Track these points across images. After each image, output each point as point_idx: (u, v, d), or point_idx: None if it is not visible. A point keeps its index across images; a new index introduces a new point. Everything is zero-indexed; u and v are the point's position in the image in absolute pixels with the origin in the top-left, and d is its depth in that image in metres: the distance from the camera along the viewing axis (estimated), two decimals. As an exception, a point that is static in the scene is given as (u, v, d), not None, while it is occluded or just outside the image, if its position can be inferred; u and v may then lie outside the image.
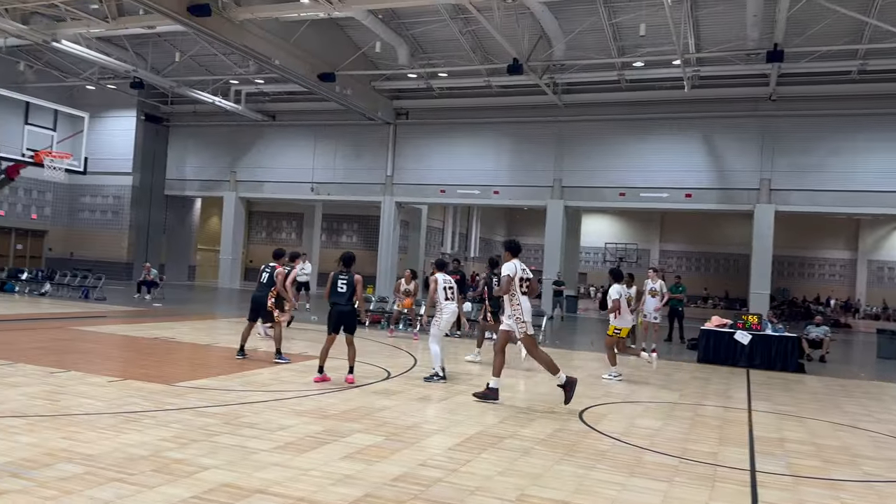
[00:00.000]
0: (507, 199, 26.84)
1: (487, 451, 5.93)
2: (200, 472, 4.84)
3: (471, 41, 22.17)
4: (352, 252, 9.21)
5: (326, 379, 8.72)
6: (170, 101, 30.26)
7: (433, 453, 5.73)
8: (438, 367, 9.36)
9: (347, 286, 8.69)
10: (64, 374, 8.20)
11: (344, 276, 8.75)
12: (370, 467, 5.24)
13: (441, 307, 9.53)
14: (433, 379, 9.26)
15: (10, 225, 28.30)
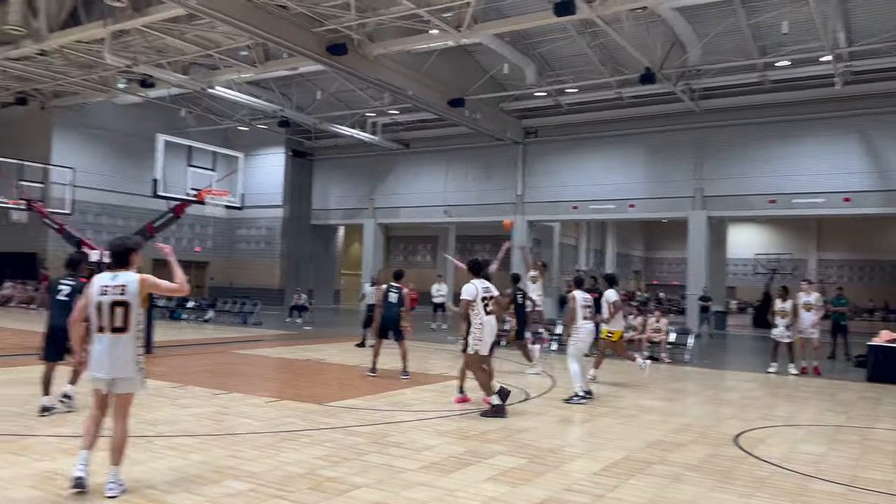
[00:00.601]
0: (644, 212, 25.98)
1: (635, 476, 5.73)
2: (352, 491, 5.05)
3: (599, 54, 21.85)
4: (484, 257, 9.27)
5: (467, 399, 8.81)
6: (313, 136, 32.19)
7: (577, 478, 5.63)
8: (579, 388, 9.18)
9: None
10: (227, 396, 8.86)
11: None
12: (514, 490, 5.23)
13: (577, 325, 9.35)
14: (573, 400, 9.09)
15: (177, 258, 31.07)
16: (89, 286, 5.00)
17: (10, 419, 7.01)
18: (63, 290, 7.50)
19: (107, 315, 4.88)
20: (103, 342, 4.89)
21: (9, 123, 28.57)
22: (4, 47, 20.37)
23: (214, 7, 15.48)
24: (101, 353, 4.88)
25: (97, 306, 4.90)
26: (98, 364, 4.90)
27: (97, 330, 4.92)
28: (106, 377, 4.88)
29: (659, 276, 52.94)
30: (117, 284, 4.93)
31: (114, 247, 5.13)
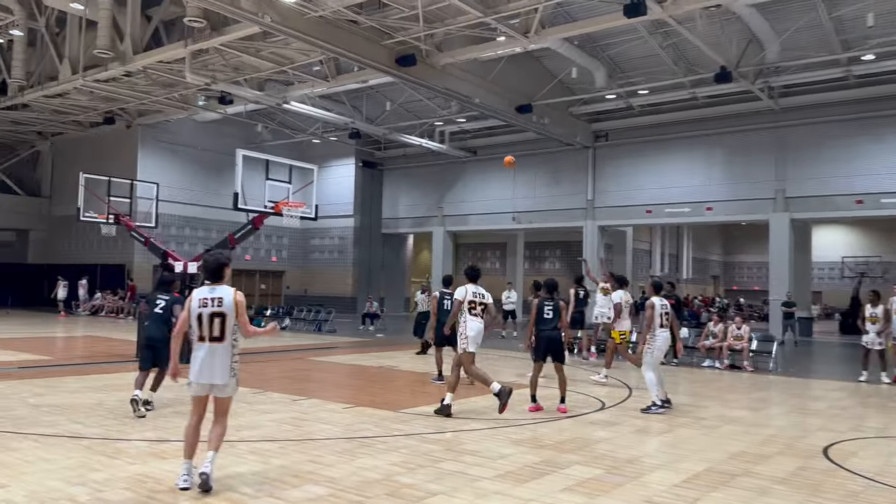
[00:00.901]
0: (722, 215, 25.15)
1: (718, 489, 5.55)
2: (429, 498, 5.08)
3: (672, 54, 21.37)
4: (554, 279, 9.23)
5: (539, 408, 8.73)
6: (383, 146, 32.70)
7: (657, 490, 5.49)
8: (655, 396, 8.96)
9: (554, 312, 8.71)
10: (305, 402, 9.07)
11: (550, 303, 8.78)
12: (592, 501, 5.15)
13: (654, 333, 9.09)
14: (651, 409, 8.88)
15: (255, 268, 32.20)
16: (190, 299, 5.36)
17: (104, 424, 7.38)
18: (159, 304, 8.20)
19: (206, 326, 5.25)
20: (203, 351, 5.27)
21: (98, 142, 30.24)
22: (94, 70, 21.59)
23: (289, 25, 15.99)
24: (201, 361, 5.25)
25: (198, 318, 5.27)
26: (198, 371, 5.26)
27: (197, 339, 5.28)
28: (205, 383, 5.26)
29: (739, 282, 51.17)
30: (215, 297, 5.30)
31: (209, 262, 5.49)
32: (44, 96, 24.49)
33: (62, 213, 31.33)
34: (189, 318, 5.31)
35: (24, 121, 29.14)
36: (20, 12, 22.76)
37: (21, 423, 7.20)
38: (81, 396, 8.98)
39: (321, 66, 21.12)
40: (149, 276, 27.13)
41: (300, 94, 23.06)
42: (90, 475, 5.41)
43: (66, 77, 22.54)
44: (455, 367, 8.65)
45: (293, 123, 29.68)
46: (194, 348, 5.31)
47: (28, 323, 22.48)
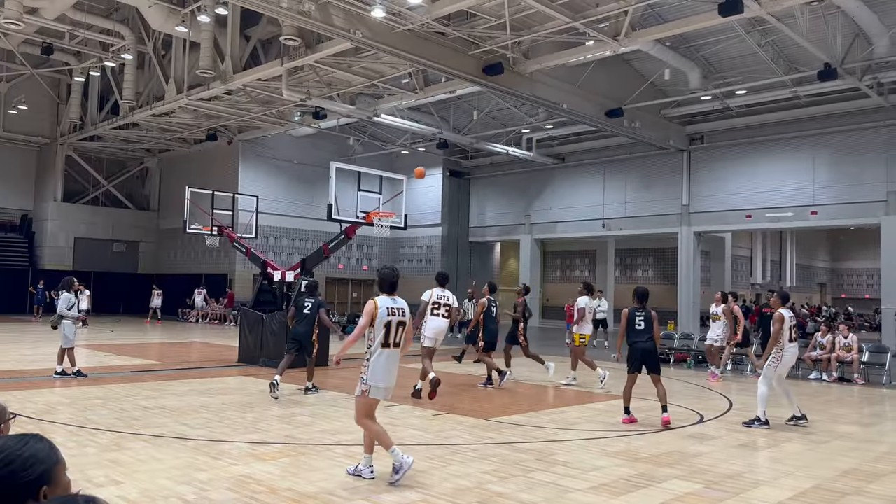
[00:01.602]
0: (828, 219, 23.75)
1: None
2: None
3: (771, 52, 20.44)
4: (646, 287, 8.97)
5: (634, 420, 8.51)
6: (470, 155, 32.91)
7: (761, 506, 5.24)
8: (762, 412, 8.53)
9: (645, 322, 8.47)
10: (397, 408, 9.21)
11: (640, 313, 8.55)
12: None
13: (783, 347, 8.55)
14: (754, 424, 8.47)
15: (347, 276, 33.05)
16: (375, 308, 5.65)
17: (208, 426, 7.76)
18: (307, 306, 10.29)
19: (393, 333, 5.68)
20: (389, 357, 5.68)
21: (202, 158, 31.95)
22: (197, 89, 22.85)
23: (378, 39, 16.39)
24: (387, 366, 5.66)
25: (386, 325, 5.64)
26: (385, 376, 5.66)
27: (383, 345, 5.64)
28: (385, 386, 5.68)
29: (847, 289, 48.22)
30: (398, 307, 5.76)
31: (388, 275, 5.95)
32: (152, 115, 26.14)
33: (169, 225, 33.26)
34: (369, 326, 5.65)
35: (133, 139, 31.17)
36: (130, 37, 24.43)
37: (134, 425, 7.66)
38: (188, 399, 9.47)
39: (410, 78, 21.50)
40: (249, 284, 28.34)
41: (390, 107, 23.56)
42: (195, 475, 5.69)
43: (171, 97, 23.97)
44: (424, 357, 10.21)
45: (383, 135, 30.33)
46: (376, 354, 5.63)
47: (139, 329, 23.93)
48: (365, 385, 5.63)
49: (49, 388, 10.28)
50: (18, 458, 1.51)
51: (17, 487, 1.47)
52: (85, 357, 14.27)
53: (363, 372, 5.66)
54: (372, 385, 5.60)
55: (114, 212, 34.03)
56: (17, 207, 32.85)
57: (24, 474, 1.50)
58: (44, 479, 1.52)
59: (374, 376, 5.60)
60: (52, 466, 1.56)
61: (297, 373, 10.90)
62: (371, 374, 5.60)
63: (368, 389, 5.61)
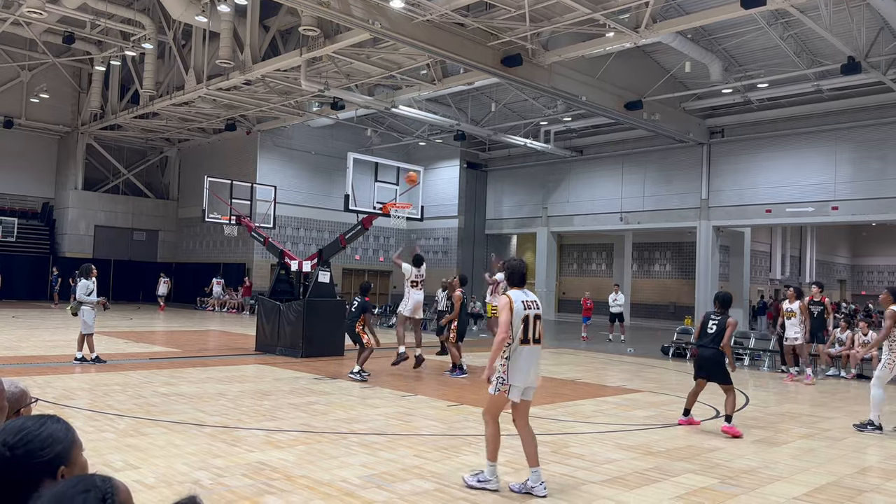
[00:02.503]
0: (850, 214, 23.43)
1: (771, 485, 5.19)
2: (534, 500, 5.05)
3: (794, 45, 20.16)
4: (729, 293, 8.39)
5: (692, 422, 8.11)
6: (487, 147, 32.81)
7: (776, 502, 5.21)
8: (875, 416, 8.10)
9: (718, 328, 7.82)
10: (412, 398, 9.25)
11: (716, 317, 7.92)
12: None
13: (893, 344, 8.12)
14: (867, 428, 8.06)
15: (363, 267, 33.16)
16: (510, 302, 5.21)
17: (225, 413, 7.83)
18: (354, 304, 11.02)
19: (531, 328, 5.25)
20: (528, 353, 5.24)
21: (220, 147, 32.14)
22: (216, 79, 22.96)
23: (397, 30, 16.37)
24: (526, 363, 5.21)
25: (524, 320, 5.21)
26: (522, 374, 5.20)
27: (522, 342, 5.20)
28: (524, 386, 5.23)
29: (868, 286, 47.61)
30: (532, 300, 5.33)
31: (518, 267, 5.48)
32: (171, 105, 26.31)
33: (188, 214, 33.55)
34: (512, 321, 5.19)
35: (153, 128, 31.41)
36: (150, 26, 24.59)
37: (153, 411, 7.76)
38: (205, 386, 9.57)
39: (428, 69, 21.46)
40: (266, 274, 28.54)
41: (407, 98, 23.54)
42: (212, 461, 5.75)
43: (191, 86, 24.10)
44: (398, 326, 12.10)
45: (400, 127, 30.33)
46: (516, 352, 5.18)
47: (157, 317, 24.19)
48: (504, 384, 5.19)
49: (69, 373, 10.43)
50: (36, 437, 1.54)
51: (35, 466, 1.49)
52: (104, 344, 14.46)
53: (502, 371, 5.20)
54: (512, 385, 5.17)
55: (133, 200, 34.37)
56: (38, 195, 33.28)
57: (42, 454, 1.52)
58: (61, 459, 1.54)
59: (515, 375, 5.16)
60: (69, 447, 1.58)
61: (313, 362, 10.97)
62: (512, 372, 5.16)
63: (508, 389, 5.18)
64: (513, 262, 5.57)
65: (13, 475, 1.47)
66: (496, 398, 5.26)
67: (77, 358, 11.31)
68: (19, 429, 1.54)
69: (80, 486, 1.34)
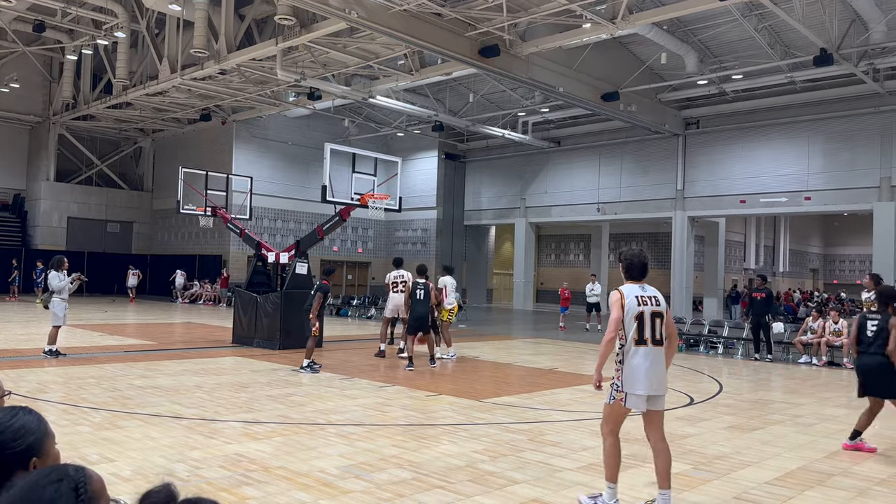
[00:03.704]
0: (822, 204, 23.84)
1: (813, 488, 5.32)
2: (511, 486, 5.11)
3: (768, 37, 20.40)
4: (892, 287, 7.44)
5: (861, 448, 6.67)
6: (465, 138, 32.83)
7: (747, 486, 5.32)
8: None
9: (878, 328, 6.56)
10: (390, 389, 9.28)
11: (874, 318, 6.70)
12: (678, 496, 5.03)
13: None
14: None
15: (341, 259, 33.05)
16: (621, 297, 4.65)
17: (202, 405, 7.80)
18: (420, 289, 11.24)
19: (648, 326, 4.61)
20: (647, 356, 4.57)
21: (195, 138, 31.76)
22: (191, 69, 22.67)
23: (374, 19, 16.28)
24: (643, 367, 4.56)
25: (638, 317, 4.59)
26: (644, 380, 4.54)
27: (637, 342, 4.59)
28: (645, 393, 4.55)
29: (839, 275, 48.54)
30: (650, 296, 4.70)
31: (636, 259, 4.82)
32: (145, 95, 25.94)
33: (163, 206, 33.16)
34: (622, 318, 4.60)
35: (127, 118, 30.96)
36: (123, 15, 24.17)
37: (128, 404, 7.70)
38: (181, 379, 9.51)
39: (405, 59, 21.39)
40: (243, 266, 28.33)
41: (385, 89, 23.44)
42: (189, 453, 5.73)
43: (165, 76, 23.78)
44: (383, 326, 13.00)
45: (378, 117, 30.21)
46: (630, 353, 4.58)
47: (132, 310, 23.92)
48: (619, 391, 4.60)
49: (42, 367, 10.30)
50: (8, 429, 1.53)
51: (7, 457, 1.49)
52: (79, 336, 14.29)
53: (616, 377, 4.65)
54: (628, 392, 4.55)
55: (107, 192, 33.87)
56: (8, 187, 32.66)
57: (14, 444, 1.52)
58: (34, 450, 1.54)
59: (631, 381, 4.55)
60: (41, 438, 1.58)
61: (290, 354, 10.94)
62: (626, 378, 4.57)
63: (624, 398, 4.57)
64: (630, 252, 4.88)
65: None
66: (611, 408, 4.67)
67: (45, 351, 11.15)
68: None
69: (52, 475, 1.34)
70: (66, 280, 11.18)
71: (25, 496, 1.29)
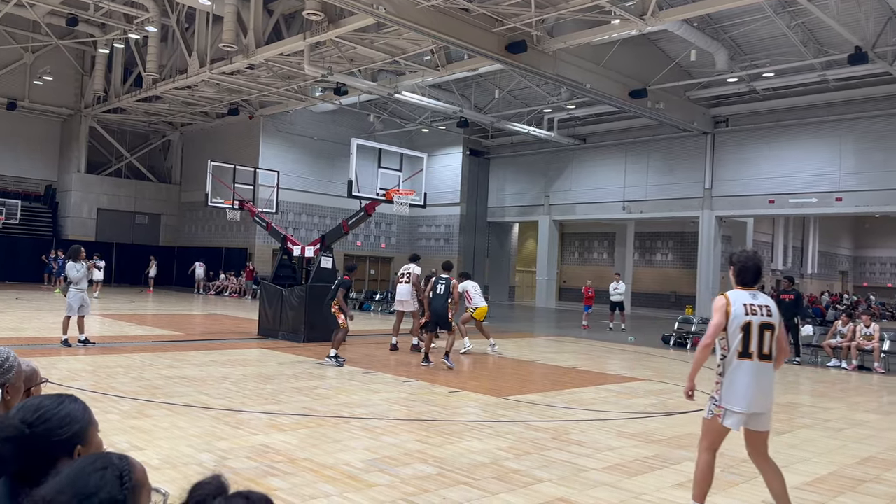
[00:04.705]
0: (853, 206, 23.39)
1: (845, 494, 5.23)
2: (536, 484, 5.09)
3: (801, 34, 20.04)
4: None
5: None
6: (490, 135, 32.74)
7: (777, 490, 5.23)
8: None
9: None
10: (414, 384, 9.29)
11: None
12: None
13: None
14: None
15: (365, 254, 33.19)
16: (727, 304, 4.25)
17: (228, 396, 7.88)
18: (441, 286, 11.02)
19: (756, 338, 4.21)
20: (750, 371, 4.20)
21: (223, 132, 32.07)
22: (220, 63, 22.89)
23: (401, 15, 16.27)
24: (746, 383, 4.19)
25: (744, 328, 4.19)
26: (745, 396, 4.19)
27: (741, 355, 4.20)
28: (745, 411, 4.21)
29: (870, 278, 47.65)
30: (762, 304, 4.27)
31: (750, 262, 4.38)
32: (174, 88, 26.25)
33: (190, 198, 33.55)
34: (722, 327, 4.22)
35: (156, 112, 31.36)
36: (154, 9, 24.47)
37: (156, 393, 7.80)
38: (208, 370, 9.62)
39: (432, 55, 21.38)
40: (268, 259, 28.57)
41: (411, 84, 23.45)
42: (216, 443, 5.79)
43: (194, 70, 24.03)
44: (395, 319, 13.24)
45: (403, 113, 30.24)
46: (732, 366, 4.20)
47: (160, 301, 24.25)
48: (717, 407, 4.25)
49: (73, 355, 10.48)
50: (54, 416, 1.55)
51: (53, 444, 1.51)
52: (107, 326, 14.52)
53: (715, 389, 4.29)
54: (727, 408, 4.20)
55: (136, 184, 34.36)
56: (41, 178, 33.27)
57: (60, 432, 1.54)
58: (78, 438, 1.56)
59: (730, 396, 4.19)
60: (86, 426, 1.60)
61: (315, 347, 11.01)
62: (726, 393, 4.21)
63: (723, 414, 4.22)
64: (743, 255, 4.42)
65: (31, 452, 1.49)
66: (709, 424, 4.33)
67: (81, 340, 11.34)
68: (37, 407, 1.56)
69: (97, 463, 1.35)
70: (84, 269, 11.32)
71: (71, 483, 1.30)
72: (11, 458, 1.48)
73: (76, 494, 1.29)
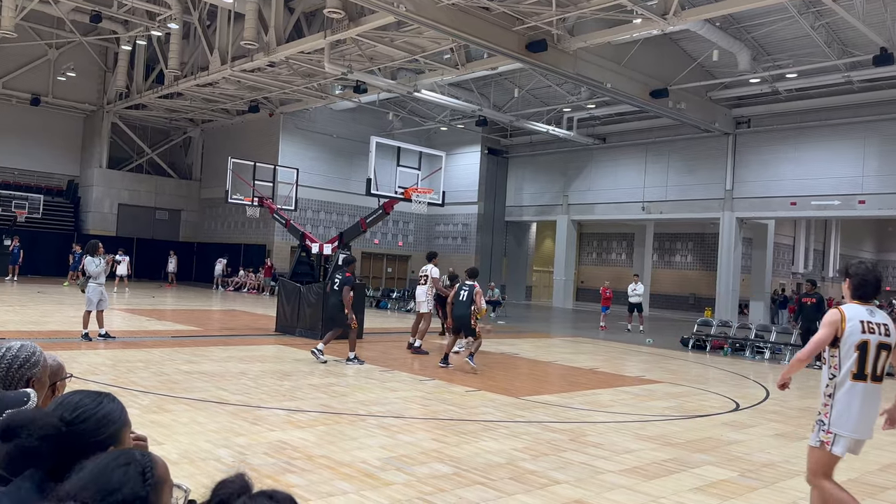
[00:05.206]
0: (877, 209, 23.04)
1: (866, 501, 5.14)
2: (552, 486, 5.07)
3: (825, 35, 19.77)
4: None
5: None
6: (509, 134, 32.65)
7: (796, 496, 5.17)
8: None
9: None
10: (430, 383, 9.29)
11: None
12: (723, 503, 4.93)
13: None
14: None
15: (382, 252, 33.27)
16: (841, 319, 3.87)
17: (247, 392, 7.92)
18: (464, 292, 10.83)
19: (871, 359, 3.85)
20: (864, 394, 3.86)
21: (243, 129, 32.27)
22: (241, 60, 23.02)
23: (422, 13, 16.28)
24: (853, 406, 3.85)
25: (860, 347, 3.83)
26: (852, 420, 3.85)
27: (855, 376, 3.84)
28: (855, 437, 3.88)
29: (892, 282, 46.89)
30: (880, 322, 3.89)
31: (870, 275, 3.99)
32: (196, 85, 26.45)
33: (210, 195, 33.81)
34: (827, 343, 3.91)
35: (177, 108, 31.63)
36: (176, 7, 24.68)
37: (175, 388, 7.87)
38: (227, 365, 9.68)
39: (451, 54, 21.36)
40: (287, 255, 28.72)
41: (430, 82, 23.45)
42: (234, 439, 5.83)
43: (215, 67, 24.20)
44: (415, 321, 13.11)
45: (422, 111, 30.25)
46: (844, 388, 3.85)
47: (179, 296, 24.47)
48: (826, 433, 3.89)
49: (93, 349, 10.60)
50: (93, 416, 1.55)
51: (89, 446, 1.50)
52: (127, 321, 14.67)
53: (822, 413, 3.93)
54: (836, 433, 3.85)
55: (157, 180, 34.69)
56: (64, 173, 33.69)
57: (97, 433, 1.53)
58: (113, 440, 1.56)
59: (841, 421, 3.84)
60: (121, 427, 1.59)
61: (332, 344, 11.04)
62: (836, 417, 3.85)
63: (832, 440, 3.86)
64: (862, 267, 4.04)
65: (66, 450, 1.49)
66: (817, 455, 3.95)
67: (101, 334, 11.46)
68: (76, 406, 1.55)
69: (120, 458, 1.36)
70: (102, 264, 11.44)
71: (94, 479, 1.31)
72: (47, 455, 1.48)
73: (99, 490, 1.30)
